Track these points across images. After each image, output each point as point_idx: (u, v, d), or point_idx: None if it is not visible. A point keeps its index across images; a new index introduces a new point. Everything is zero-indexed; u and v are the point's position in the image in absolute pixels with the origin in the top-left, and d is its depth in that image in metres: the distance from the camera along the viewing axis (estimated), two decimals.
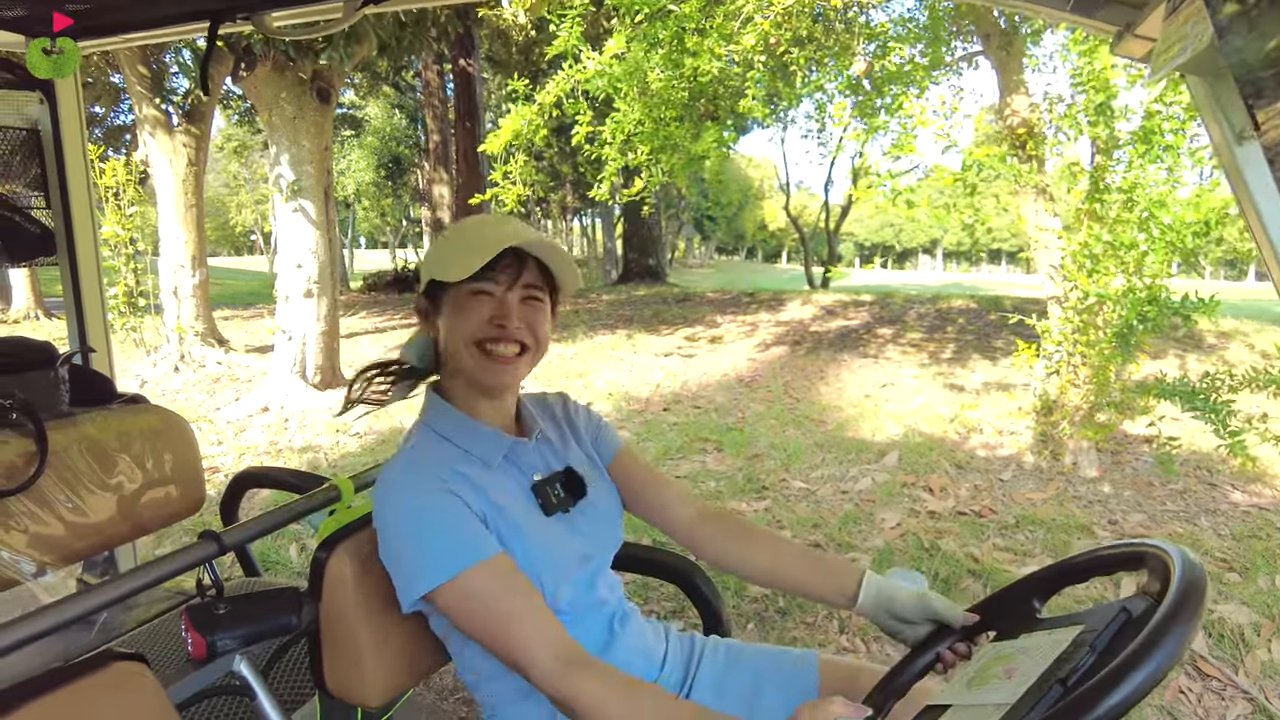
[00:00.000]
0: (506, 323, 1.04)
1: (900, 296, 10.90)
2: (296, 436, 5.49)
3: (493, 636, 0.95)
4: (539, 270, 1.08)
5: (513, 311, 1.05)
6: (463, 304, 1.05)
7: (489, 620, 0.95)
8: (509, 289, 1.05)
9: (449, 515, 0.98)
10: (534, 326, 1.07)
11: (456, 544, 0.97)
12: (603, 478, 1.25)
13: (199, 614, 1.00)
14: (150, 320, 8.28)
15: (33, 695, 0.75)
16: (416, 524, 0.98)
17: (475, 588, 0.95)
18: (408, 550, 0.99)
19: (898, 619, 1.10)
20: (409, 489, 1.00)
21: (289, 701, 1.41)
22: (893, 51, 4.73)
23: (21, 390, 1.53)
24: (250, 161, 27.20)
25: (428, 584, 0.96)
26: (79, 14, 1.59)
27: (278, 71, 6.27)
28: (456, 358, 1.07)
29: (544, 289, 1.09)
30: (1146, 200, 3.63)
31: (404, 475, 1.03)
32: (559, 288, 1.12)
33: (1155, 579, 0.82)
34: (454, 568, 0.95)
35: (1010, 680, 0.86)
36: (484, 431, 1.11)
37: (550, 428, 1.23)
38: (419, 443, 1.09)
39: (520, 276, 1.06)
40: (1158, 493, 3.99)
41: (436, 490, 1.00)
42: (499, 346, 1.05)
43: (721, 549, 1.24)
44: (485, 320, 1.04)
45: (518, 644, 0.93)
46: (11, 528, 1.42)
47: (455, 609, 0.96)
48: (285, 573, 3.29)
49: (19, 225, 1.80)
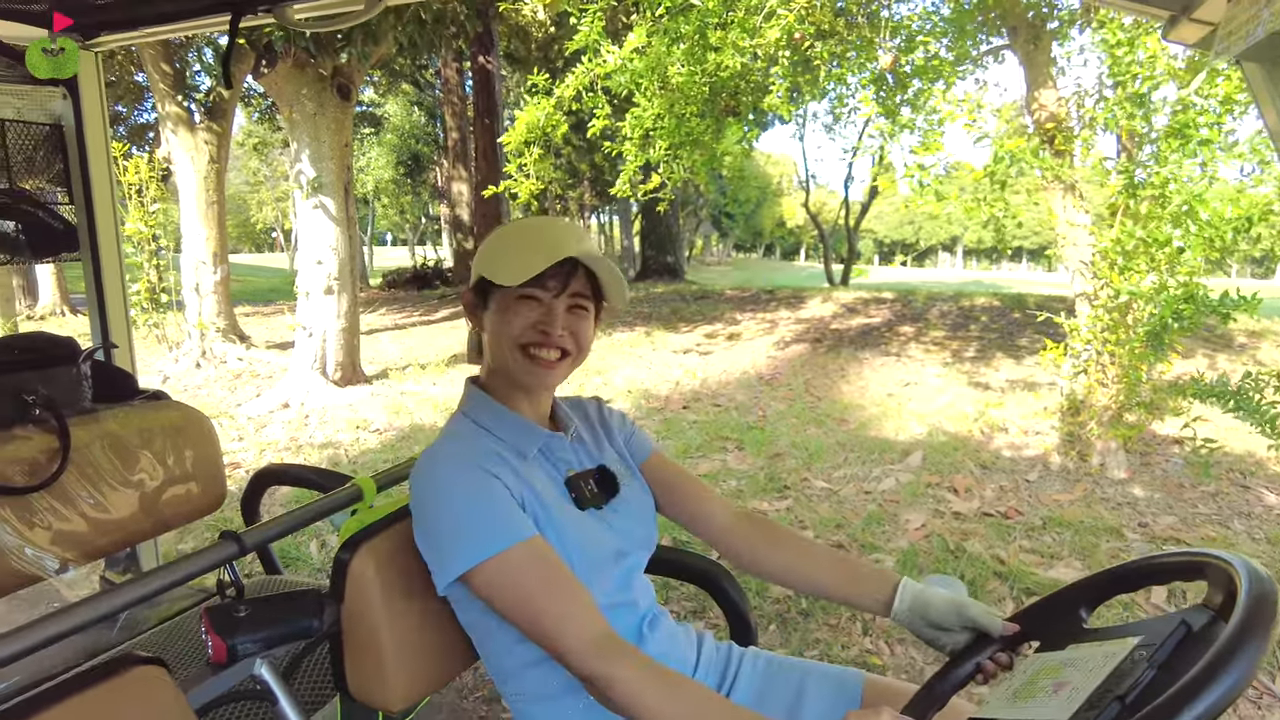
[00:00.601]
0: (551, 329, 1.05)
1: (922, 294, 10.79)
2: (317, 432, 5.51)
3: (529, 617, 0.94)
4: (588, 279, 1.08)
5: (558, 319, 1.05)
6: (510, 306, 1.06)
7: (527, 600, 0.94)
8: (557, 296, 1.06)
9: (489, 495, 0.98)
10: (578, 334, 1.08)
11: (496, 523, 0.96)
12: (636, 478, 1.25)
13: (219, 616, 0.98)
14: (172, 316, 8.36)
15: (53, 701, 0.74)
16: (457, 503, 0.98)
17: (514, 567, 0.95)
18: (446, 530, 0.98)
19: (934, 627, 1.07)
20: (449, 470, 1.01)
21: (308, 703, 1.39)
22: (918, 46, 4.66)
23: (44, 386, 1.53)
24: (270, 159, 27.40)
25: (466, 563, 0.95)
26: (102, 8, 1.58)
27: (299, 68, 6.29)
28: (500, 356, 1.08)
29: (591, 299, 1.10)
30: (1186, 195, 3.54)
31: (444, 458, 1.03)
32: (605, 298, 1.13)
33: (1218, 591, 0.78)
34: (494, 547, 0.95)
35: (1058, 695, 0.82)
36: (521, 423, 1.12)
37: (584, 428, 1.24)
38: (459, 430, 1.11)
39: (569, 285, 1.06)
40: (1189, 495, 3.91)
41: (477, 471, 1.00)
42: (542, 351, 1.06)
43: (754, 552, 1.23)
44: (530, 325, 1.05)
45: (554, 623, 0.92)
46: (35, 524, 1.41)
47: (493, 587, 0.96)
48: (305, 569, 3.29)
49: (42, 220, 1.80)
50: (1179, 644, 0.78)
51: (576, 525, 1.07)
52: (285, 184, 27.95)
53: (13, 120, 1.73)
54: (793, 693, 1.20)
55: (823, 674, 1.23)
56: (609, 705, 0.90)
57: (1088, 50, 4.73)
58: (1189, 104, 3.66)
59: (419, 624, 1.11)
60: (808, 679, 1.21)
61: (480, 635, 1.09)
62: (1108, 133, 4.26)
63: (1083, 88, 4.67)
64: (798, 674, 1.23)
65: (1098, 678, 0.79)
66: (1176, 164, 3.60)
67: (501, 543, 0.95)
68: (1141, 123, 3.78)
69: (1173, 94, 3.81)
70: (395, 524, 1.15)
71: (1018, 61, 4.87)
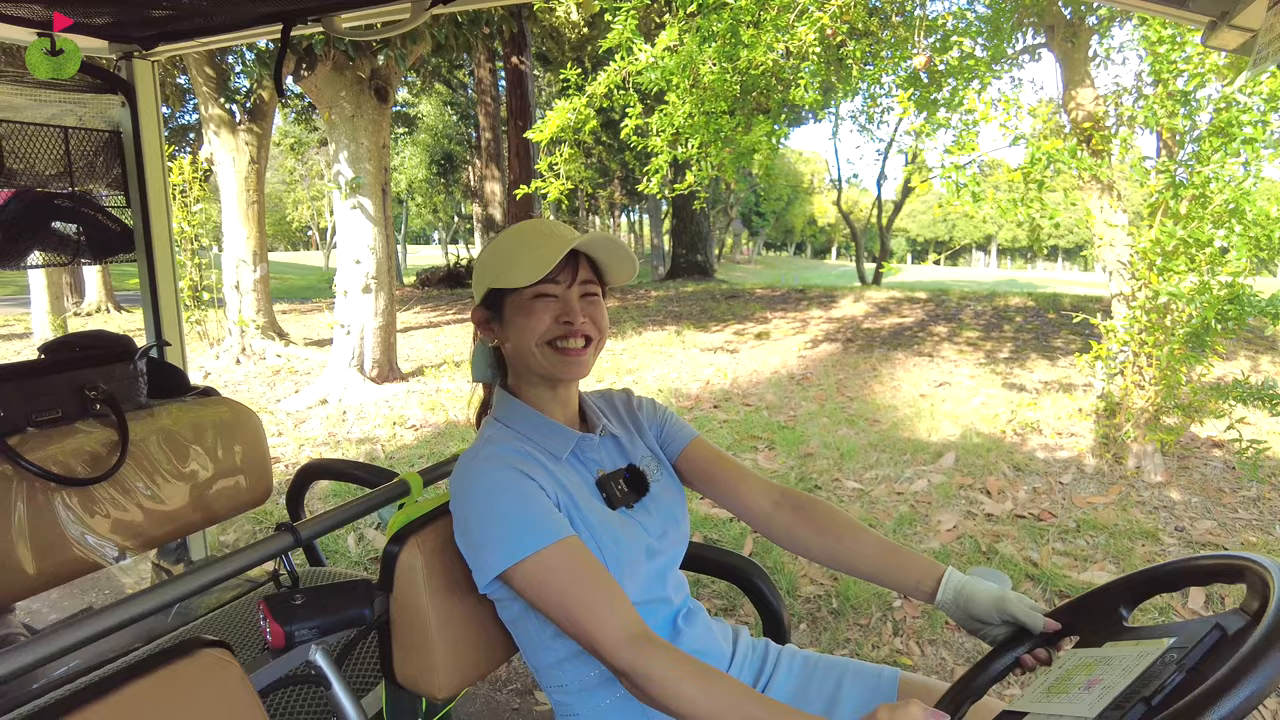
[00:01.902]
0: (573, 319, 1.09)
1: (955, 293, 10.68)
2: (354, 428, 5.62)
3: (567, 614, 0.97)
4: (590, 267, 1.13)
5: (576, 309, 1.09)
6: (528, 308, 1.09)
7: (564, 597, 0.97)
8: (569, 287, 1.10)
9: (526, 496, 1.02)
10: (596, 319, 1.13)
11: (533, 523, 0.99)
12: (667, 474, 1.27)
13: (277, 605, 1.02)
14: (213, 313, 8.55)
15: (130, 679, 0.78)
16: (495, 504, 1.01)
17: (551, 565, 0.97)
18: (485, 531, 1.01)
19: (975, 619, 1.09)
20: (487, 473, 1.04)
21: (357, 688, 1.44)
22: (953, 45, 4.62)
23: (104, 382, 1.60)
24: (307, 158, 27.82)
25: (505, 562, 0.98)
26: (160, 20, 1.65)
27: (337, 71, 6.40)
28: (527, 358, 1.11)
29: (597, 283, 1.15)
30: (1231, 194, 3.48)
31: (482, 461, 1.06)
32: (607, 279, 1.17)
33: (1254, 596, 0.78)
34: (531, 546, 0.98)
35: (1090, 692, 0.83)
36: (553, 426, 1.15)
37: (614, 424, 1.26)
38: (494, 434, 1.13)
39: (578, 274, 1.11)
40: (1228, 499, 3.84)
41: (513, 473, 1.03)
42: (569, 342, 1.10)
43: (793, 537, 1.24)
44: (553, 320, 1.09)
45: (590, 620, 0.95)
46: (96, 513, 1.48)
47: (531, 585, 0.98)
48: (343, 562, 3.37)
49: (102, 223, 1.87)
50: (1212, 647, 0.78)
51: (609, 524, 1.10)
52: (320, 183, 28.39)
53: (75, 128, 1.81)
54: (830, 690, 1.21)
55: (858, 671, 1.24)
56: (645, 699, 0.92)
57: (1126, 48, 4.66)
58: (1232, 101, 3.60)
59: (463, 616, 1.15)
60: (845, 676, 1.23)
61: (520, 631, 1.12)
62: (1146, 131, 4.19)
63: (1121, 85, 4.60)
64: (835, 672, 1.24)
65: (1129, 677, 0.80)
66: (1219, 163, 3.54)
67: (539, 542, 0.98)
68: (1183, 121, 3.72)
69: (1215, 92, 3.75)
70: (441, 518, 1.18)
71: (1054, 60, 4.81)
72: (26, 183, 1.73)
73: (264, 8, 1.60)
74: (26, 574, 1.37)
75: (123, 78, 1.90)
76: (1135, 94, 4.65)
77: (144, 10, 1.60)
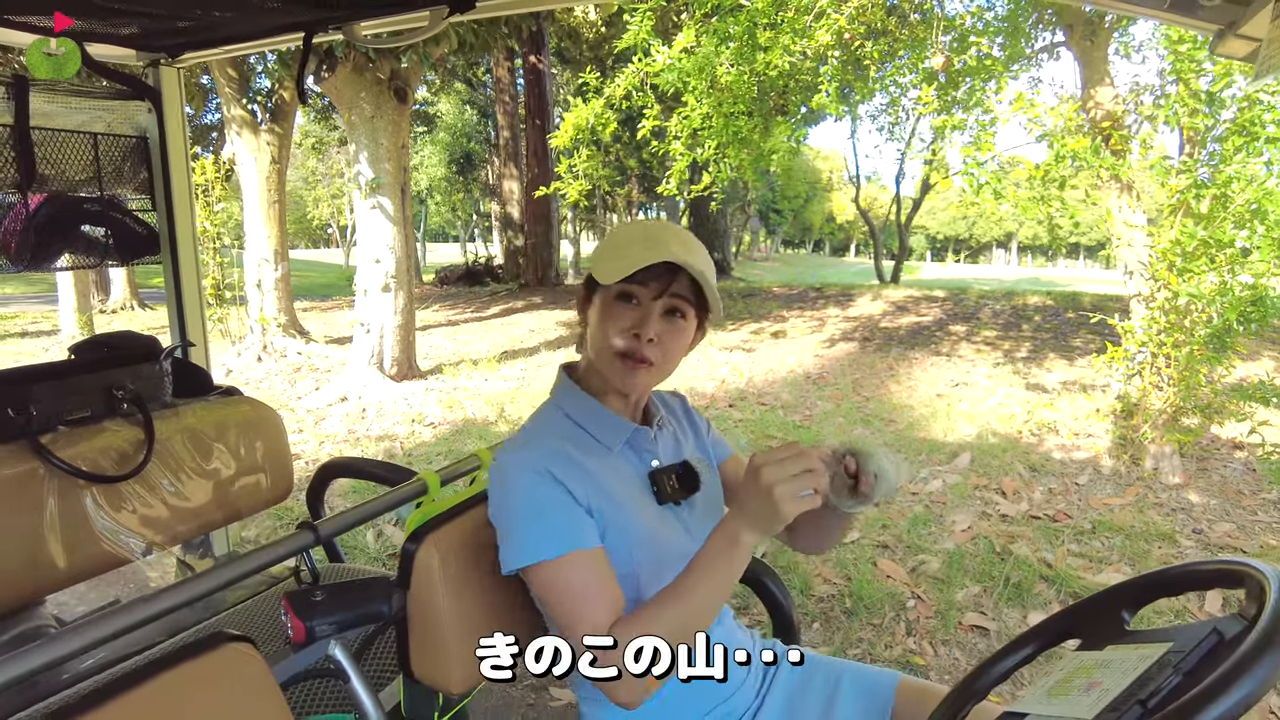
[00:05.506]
0: (641, 332, 1.05)
1: (974, 292, 10.61)
2: (374, 426, 5.68)
3: (564, 621, 0.99)
4: (691, 285, 1.07)
5: (651, 323, 1.05)
6: (608, 308, 1.07)
7: (566, 605, 0.99)
8: (656, 298, 1.06)
9: (551, 504, 1.02)
10: (666, 345, 1.08)
11: (554, 531, 1.01)
12: (715, 478, 1.27)
13: (298, 600, 1.05)
14: (235, 311, 8.66)
15: (158, 671, 0.82)
16: (522, 504, 1.03)
17: (560, 574, 0.99)
18: (511, 526, 1.03)
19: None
20: (522, 473, 1.04)
21: (375, 682, 1.47)
22: (971, 45, 4.60)
23: (131, 382, 1.64)
24: (327, 157, 28.04)
25: (523, 560, 1.01)
26: (187, 30, 1.69)
27: (357, 72, 6.47)
28: (594, 354, 1.11)
29: (691, 304, 1.09)
30: (1254, 194, 3.45)
31: (522, 452, 1.06)
32: (709, 309, 1.11)
33: (1252, 601, 0.79)
34: (547, 553, 0.99)
35: (1089, 694, 0.84)
36: (610, 417, 1.14)
37: (672, 421, 1.26)
38: (546, 418, 1.14)
39: (670, 286, 1.06)
40: (1248, 502, 3.80)
41: (545, 479, 1.03)
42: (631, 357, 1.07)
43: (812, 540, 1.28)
44: (624, 329, 1.06)
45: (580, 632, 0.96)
46: (123, 509, 1.52)
47: (540, 587, 1.01)
48: (362, 558, 3.42)
49: (129, 226, 1.92)
50: (1209, 652, 0.79)
51: (652, 521, 1.11)
52: (340, 182, 28.61)
53: (104, 133, 1.85)
54: (828, 693, 1.23)
55: (858, 674, 1.26)
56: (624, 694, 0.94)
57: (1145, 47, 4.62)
58: (1255, 100, 3.56)
59: (479, 612, 1.17)
60: (843, 679, 1.24)
61: (546, 618, 1.14)
62: (1166, 130, 4.15)
63: (1140, 84, 4.57)
64: (835, 674, 1.26)
65: (1127, 680, 0.81)
66: (1241, 162, 3.50)
67: (555, 550, 0.99)
68: (1205, 120, 3.68)
69: (1237, 90, 3.71)
70: (458, 517, 1.21)
71: (1073, 58, 4.77)
72: (58, 187, 1.78)
73: (286, 17, 1.64)
74: (57, 568, 1.41)
75: (150, 85, 1.95)
76: (1159, 91, 4.61)
77: (170, 21, 1.64)
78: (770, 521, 0.89)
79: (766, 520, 0.89)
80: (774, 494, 0.86)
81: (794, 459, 0.88)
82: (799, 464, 0.87)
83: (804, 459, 0.88)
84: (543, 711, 2.36)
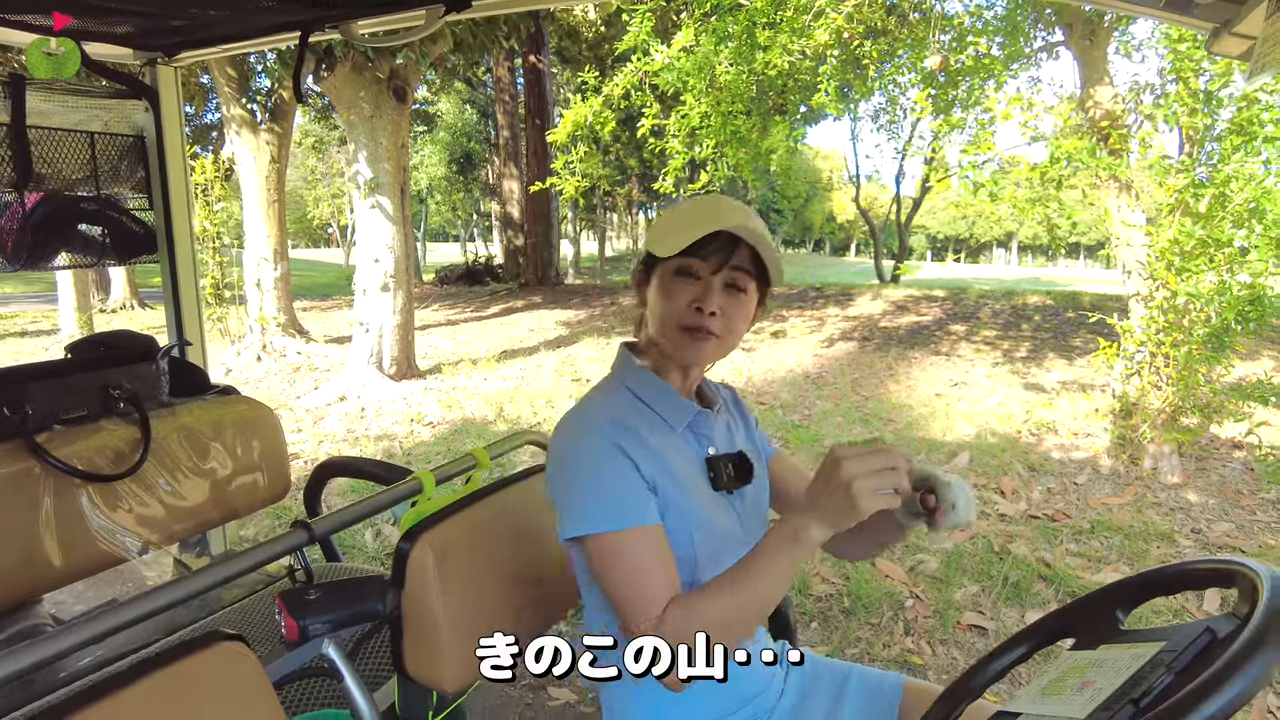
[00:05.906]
0: (704, 306, 1.04)
1: (974, 292, 10.61)
2: (373, 425, 5.68)
3: (619, 596, 0.98)
4: (751, 257, 1.06)
5: (714, 297, 1.04)
6: (667, 283, 1.06)
7: (622, 579, 0.97)
8: (715, 272, 1.05)
9: (616, 475, 1.01)
10: (729, 317, 1.07)
11: (616, 504, 0.99)
12: (765, 469, 1.26)
13: (292, 599, 1.05)
14: (234, 311, 8.66)
15: (152, 669, 0.82)
16: (585, 473, 1.01)
17: (621, 548, 0.98)
18: (573, 493, 1.01)
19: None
20: (588, 440, 1.03)
21: (370, 681, 1.47)
22: (970, 45, 4.60)
23: (128, 381, 1.64)
24: (327, 156, 28.04)
25: (583, 529, 0.99)
26: (183, 29, 1.69)
27: (356, 72, 6.47)
28: (657, 330, 1.09)
29: (752, 276, 1.08)
30: (1252, 193, 3.45)
31: (587, 426, 1.05)
32: (770, 280, 1.11)
33: (1245, 601, 0.79)
34: (608, 525, 0.98)
35: (1082, 693, 0.84)
36: (674, 396, 1.12)
37: (726, 410, 1.25)
38: (612, 393, 1.13)
39: (730, 259, 1.05)
40: (1246, 501, 3.80)
41: (611, 449, 1.01)
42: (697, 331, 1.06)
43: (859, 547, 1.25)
44: (685, 304, 1.05)
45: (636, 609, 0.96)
46: (119, 508, 1.52)
47: (597, 558, 0.99)
48: (360, 557, 3.42)
49: (127, 226, 1.92)
50: (1202, 651, 0.79)
51: (709, 505, 1.09)
52: (340, 181, 28.61)
53: (101, 132, 1.85)
54: (834, 693, 1.23)
55: (862, 676, 1.25)
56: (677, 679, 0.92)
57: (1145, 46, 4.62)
58: (1253, 100, 3.56)
59: (473, 611, 1.18)
60: (849, 680, 1.24)
61: (585, 588, 1.13)
62: (1166, 130, 4.15)
63: (1140, 83, 4.57)
64: (840, 675, 1.26)
65: (1120, 680, 0.81)
66: (1239, 161, 3.51)
67: (617, 523, 0.98)
68: (1203, 119, 3.68)
69: (1236, 90, 3.71)
70: (452, 516, 1.21)
71: (1073, 58, 4.77)
72: (55, 186, 1.78)
73: (282, 16, 1.64)
74: (54, 567, 1.42)
75: (146, 83, 1.95)
76: (1159, 90, 4.61)
77: (167, 20, 1.64)
78: (845, 516, 0.86)
79: (841, 514, 0.87)
80: (853, 488, 0.84)
81: (877, 454, 0.86)
82: (882, 460, 0.86)
83: (888, 456, 0.86)
84: (540, 711, 2.37)
